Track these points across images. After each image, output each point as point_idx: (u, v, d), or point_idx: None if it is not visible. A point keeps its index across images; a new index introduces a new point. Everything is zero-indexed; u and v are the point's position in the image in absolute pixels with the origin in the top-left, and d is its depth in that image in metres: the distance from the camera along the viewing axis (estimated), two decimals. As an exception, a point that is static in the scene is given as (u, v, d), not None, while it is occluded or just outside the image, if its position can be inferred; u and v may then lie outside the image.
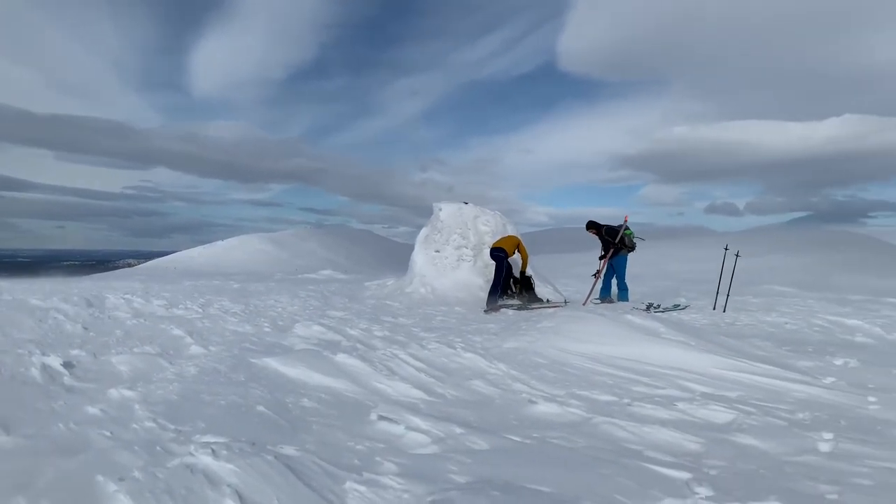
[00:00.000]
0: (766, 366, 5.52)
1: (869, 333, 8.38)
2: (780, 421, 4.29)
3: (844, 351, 6.85)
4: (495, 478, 3.19)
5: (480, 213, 13.53)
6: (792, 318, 9.67)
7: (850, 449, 3.76)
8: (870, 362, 6.11)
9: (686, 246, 46.79)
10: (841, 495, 3.08)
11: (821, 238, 48.01)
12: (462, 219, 13.41)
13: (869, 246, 45.01)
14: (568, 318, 7.17)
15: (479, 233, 13.16)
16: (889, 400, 4.79)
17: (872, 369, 5.79)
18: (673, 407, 4.61)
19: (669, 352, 5.89)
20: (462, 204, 13.82)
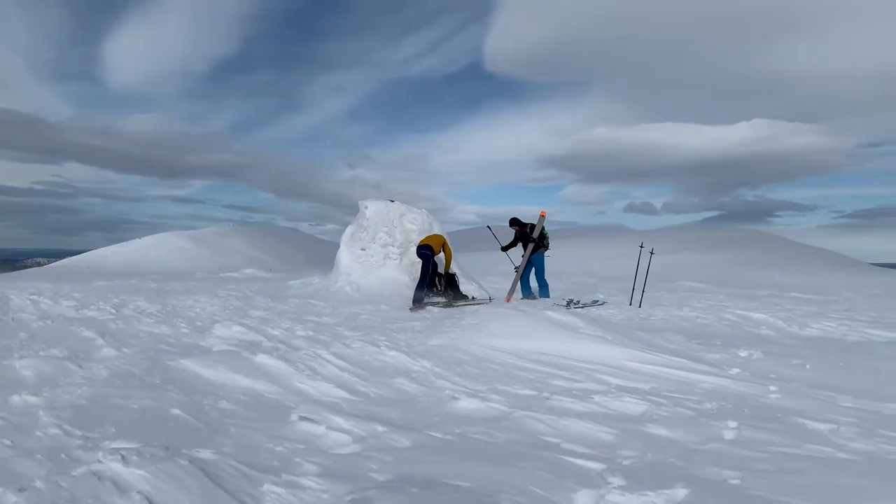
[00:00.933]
0: (678, 358, 5.78)
1: (772, 326, 8.88)
2: (689, 411, 4.49)
3: (750, 343, 7.24)
4: (416, 475, 3.21)
5: (407, 212, 13.53)
6: (703, 313, 10.14)
7: (753, 436, 3.98)
8: (772, 353, 6.48)
9: (606, 244, 48.29)
10: (743, 480, 3.25)
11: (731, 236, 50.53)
12: (388, 217, 13.38)
13: (775, 244, 47.71)
14: (491, 315, 7.28)
15: (405, 231, 13.16)
16: (788, 389, 5.10)
17: (774, 360, 6.15)
18: (589, 400, 4.75)
19: (587, 346, 6.07)
20: (388, 202, 13.78)
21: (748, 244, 45.53)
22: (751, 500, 3.02)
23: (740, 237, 50.82)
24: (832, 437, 3.99)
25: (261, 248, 42.34)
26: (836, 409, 4.58)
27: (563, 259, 36.62)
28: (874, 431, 4.08)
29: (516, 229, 12.44)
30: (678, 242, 44.20)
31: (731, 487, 3.17)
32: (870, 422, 4.30)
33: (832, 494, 3.07)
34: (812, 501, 2.99)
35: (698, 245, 43.54)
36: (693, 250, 40.29)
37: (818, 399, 4.83)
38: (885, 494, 3.10)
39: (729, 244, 44.60)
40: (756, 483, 3.22)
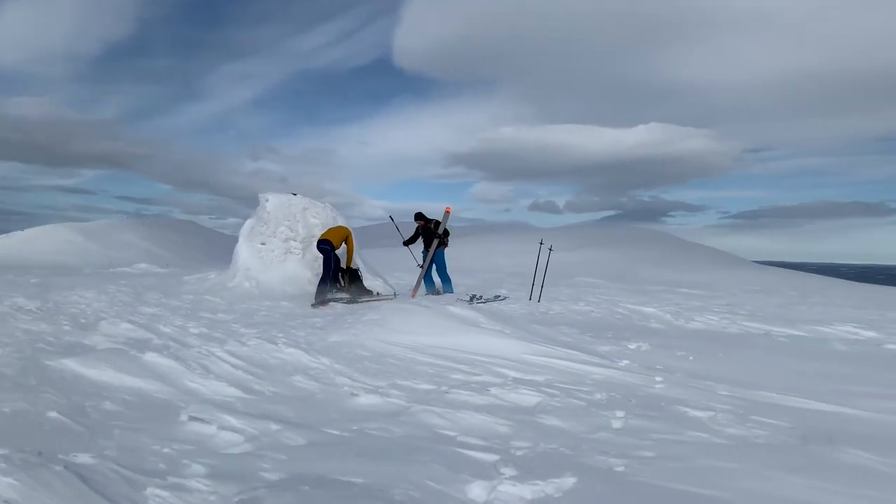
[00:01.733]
0: (572, 351, 5.98)
1: (661, 320, 9.37)
2: (580, 402, 4.66)
3: (639, 336, 7.61)
4: (308, 473, 3.15)
5: (310, 205, 13.28)
6: (597, 307, 10.56)
7: (638, 424, 4.17)
8: (659, 346, 6.84)
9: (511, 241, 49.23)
10: (627, 467, 3.40)
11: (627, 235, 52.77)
12: (290, 210, 13.08)
13: (668, 242, 50.23)
14: (393, 310, 7.28)
15: (308, 225, 12.91)
16: (672, 379, 5.39)
17: (660, 352, 6.48)
18: (487, 392, 4.84)
19: (487, 340, 6.19)
20: (290, 195, 13.47)
21: (643, 242, 47.65)
22: (634, 485, 3.16)
23: (636, 235, 53.12)
24: (710, 423, 4.25)
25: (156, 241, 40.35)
26: (715, 398, 4.89)
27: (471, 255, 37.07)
28: (747, 417, 4.38)
29: (420, 224, 12.49)
30: (578, 240, 45.66)
31: (617, 474, 3.31)
32: (743, 408, 4.61)
33: (707, 477, 3.26)
34: (689, 484, 3.16)
35: (597, 243, 45.14)
36: (592, 248, 41.74)
37: (698, 388, 5.13)
38: (754, 475, 3.32)
39: (625, 242, 46.51)
40: (639, 469, 3.38)
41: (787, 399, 4.90)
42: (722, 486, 3.14)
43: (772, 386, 5.28)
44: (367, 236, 60.01)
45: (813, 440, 3.91)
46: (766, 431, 4.10)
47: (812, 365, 6.36)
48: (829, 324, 9.78)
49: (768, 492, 3.08)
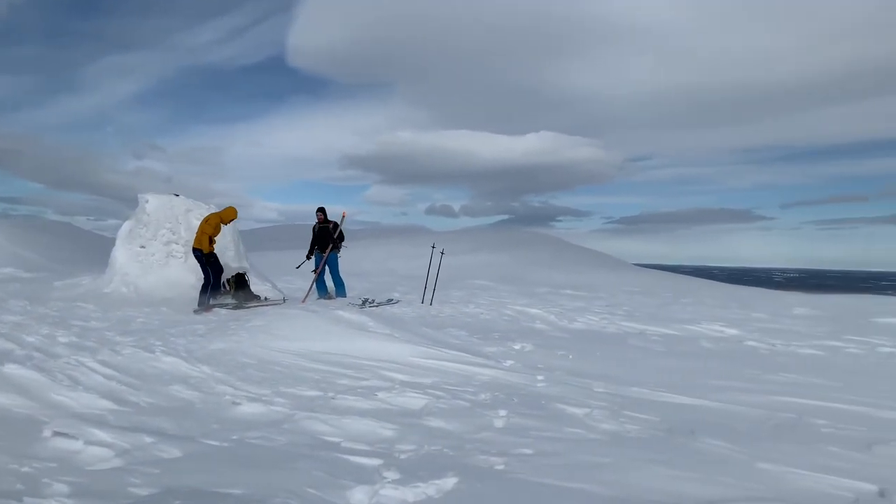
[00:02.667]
0: (459, 353, 6.09)
1: (545, 321, 9.71)
2: (466, 403, 4.76)
3: (524, 337, 7.85)
4: (182, 486, 3.03)
5: (194, 207, 12.73)
6: (487, 310, 10.80)
7: (519, 423, 4.31)
8: (542, 346, 7.09)
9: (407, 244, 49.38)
10: (507, 465, 3.50)
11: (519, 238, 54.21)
12: (172, 212, 12.49)
13: (556, 245, 52.06)
14: (278, 316, 7.12)
15: (191, 227, 12.36)
16: (553, 377, 5.61)
17: (543, 352, 6.73)
18: (373, 397, 4.84)
19: (375, 344, 6.18)
20: (173, 196, 12.87)
21: (533, 245, 49.11)
22: (512, 483, 3.26)
23: (526, 239, 54.66)
24: (586, 419, 4.45)
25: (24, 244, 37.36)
26: (591, 395, 5.13)
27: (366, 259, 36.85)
28: (620, 413, 4.63)
29: (320, 218, 12.34)
30: (473, 243, 46.43)
31: (497, 473, 3.41)
32: (617, 404, 4.87)
33: (582, 471, 3.42)
34: (564, 479, 3.30)
35: (490, 246, 46.07)
36: (485, 251, 42.56)
37: (577, 386, 5.36)
38: (624, 467, 3.51)
39: (516, 245, 47.75)
40: (518, 467, 3.49)
41: (656, 394, 5.22)
42: (595, 479, 3.30)
43: (644, 382, 5.61)
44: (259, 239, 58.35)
45: (678, 432, 4.19)
46: (637, 426, 4.35)
47: (681, 362, 6.81)
48: (698, 323, 10.50)
49: (636, 482, 3.27)
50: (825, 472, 3.48)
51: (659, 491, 3.17)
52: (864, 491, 3.24)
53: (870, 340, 9.29)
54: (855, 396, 5.50)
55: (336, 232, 12.08)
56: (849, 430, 4.41)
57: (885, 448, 4.01)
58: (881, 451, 3.95)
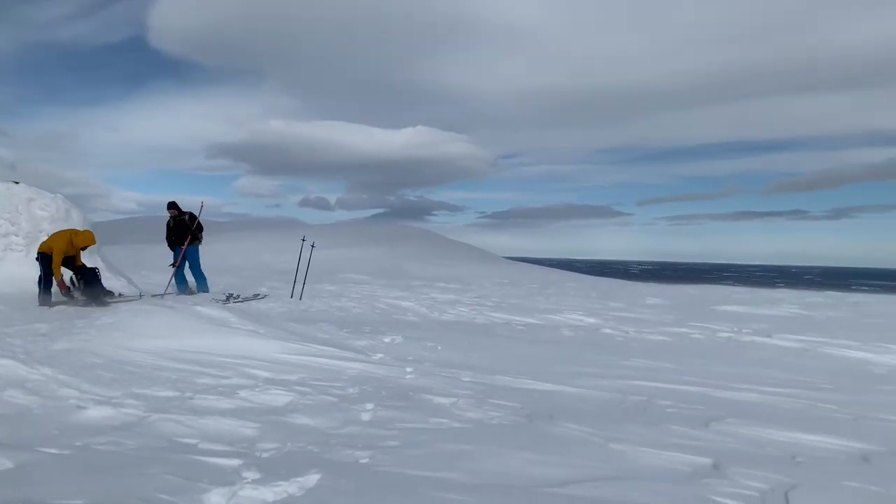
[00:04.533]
0: (328, 347, 6.01)
1: (417, 313, 9.81)
2: (333, 398, 4.69)
3: (395, 329, 7.88)
4: (15, 500, 2.77)
5: (37, 196, 11.66)
6: (359, 303, 10.74)
7: (386, 415, 4.31)
8: (412, 338, 7.15)
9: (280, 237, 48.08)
10: (372, 458, 3.49)
11: (395, 232, 54.42)
12: (12, 202, 11.38)
13: (431, 239, 52.75)
14: (131, 312, 6.67)
15: (34, 218, 11.33)
16: (421, 369, 5.66)
17: (413, 344, 6.78)
18: (235, 395, 4.66)
19: (238, 341, 5.96)
20: (12, 184, 11.72)
21: (409, 239, 49.50)
22: (376, 475, 3.26)
23: (402, 233, 55.00)
24: (452, 409, 4.53)
25: None
26: (458, 384, 5.23)
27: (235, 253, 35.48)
28: (485, 401, 4.75)
29: (173, 213, 11.66)
30: (348, 237, 46.05)
31: (361, 466, 3.39)
32: (483, 393, 5.00)
33: (446, 460, 3.47)
34: (428, 469, 3.33)
35: (366, 240, 45.89)
36: (361, 245, 42.34)
37: (444, 376, 5.45)
38: (487, 454, 3.60)
39: (392, 239, 47.91)
40: (383, 459, 3.49)
41: (519, 382, 5.41)
42: (458, 467, 3.37)
43: (508, 370, 5.80)
44: (117, 232, 54.52)
45: (537, 417, 4.37)
46: (500, 413, 4.48)
47: (543, 350, 7.11)
48: (560, 312, 11.02)
49: (496, 468, 3.37)
50: (668, 448, 3.76)
51: (517, 475, 3.28)
52: (701, 464, 3.53)
53: (711, 326, 10.16)
54: (696, 378, 5.99)
55: (194, 224, 11.52)
56: (690, 410, 4.79)
57: (720, 425, 4.39)
58: (716, 428, 4.33)
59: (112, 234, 43.99)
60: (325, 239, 36.54)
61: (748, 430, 4.28)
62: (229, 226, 70.98)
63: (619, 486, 3.17)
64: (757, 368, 6.83)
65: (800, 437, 4.17)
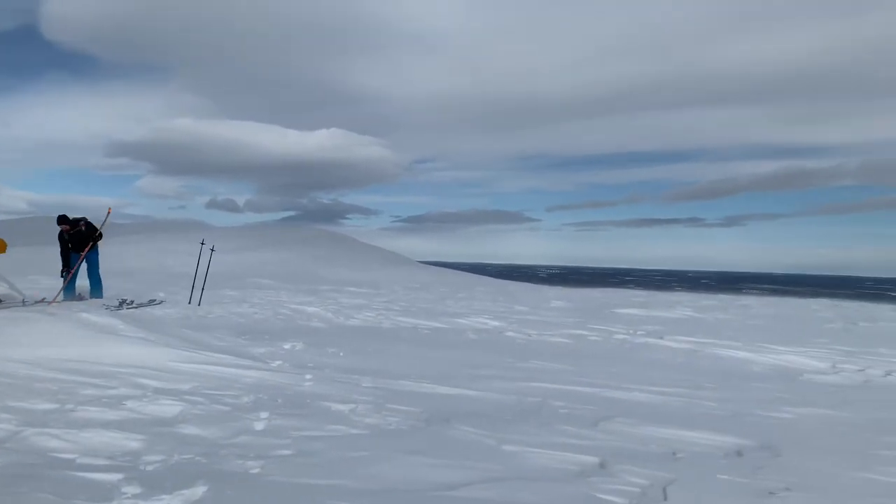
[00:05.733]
0: (224, 355, 5.83)
1: (322, 318, 9.68)
2: (225, 407, 4.56)
3: (297, 335, 7.75)
4: None
5: None
6: (261, 309, 10.49)
7: (281, 424, 4.23)
8: (314, 344, 7.05)
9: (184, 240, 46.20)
10: (263, 468, 3.42)
11: (306, 235, 53.46)
12: None
13: (344, 243, 52.16)
14: (9, 319, 6.23)
15: None
16: (321, 376, 5.60)
17: (314, 350, 6.69)
18: (121, 406, 4.45)
19: (127, 349, 5.70)
20: None
21: (320, 243, 48.73)
22: (267, 485, 3.19)
23: (314, 236, 54.10)
24: (351, 415, 4.50)
25: None
26: (358, 390, 5.20)
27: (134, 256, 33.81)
28: (384, 406, 4.75)
29: (64, 228, 10.98)
30: (257, 240, 44.85)
31: (252, 477, 3.31)
32: (382, 398, 4.99)
33: (341, 468, 3.45)
34: (322, 477, 3.30)
35: (276, 243, 44.81)
36: (270, 248, 41.31)
37: (344, 382, 5.41)
38: (383, 460, 3.61)
39: (303, 242, 47.02)
40: (275, 468, 3.42)
41: (420, 386, 5.45)
42: (352, 474, 3.35)
43: (410, 375, 5.83)
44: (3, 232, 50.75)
45: (435, 421, 4.41)
46: (399, 418, 4.49)
47: (446, 353, 7.19)
48: (466, 316, 11.17)
49: (391, 474, 3.38)
50: (558, 448, 3.89)
51: (411, 480, 3.31)
52: (588, 463, 3.67)
53: (608, 328, 10.58)
54: (590, 379, 6.22)
55: (94, 231, 10.94)
56: (582, 410, 4.97)
57: (609, 424, 4.58)
58: (605, 427, 4.51)
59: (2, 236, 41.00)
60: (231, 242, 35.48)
61: (634, 429, 4.49)
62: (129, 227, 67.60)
63: (509, 487, 3.25)
64: (647, 369, 7.17)
65: (681, 434, 4.41)
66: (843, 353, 9.18)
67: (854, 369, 8.04)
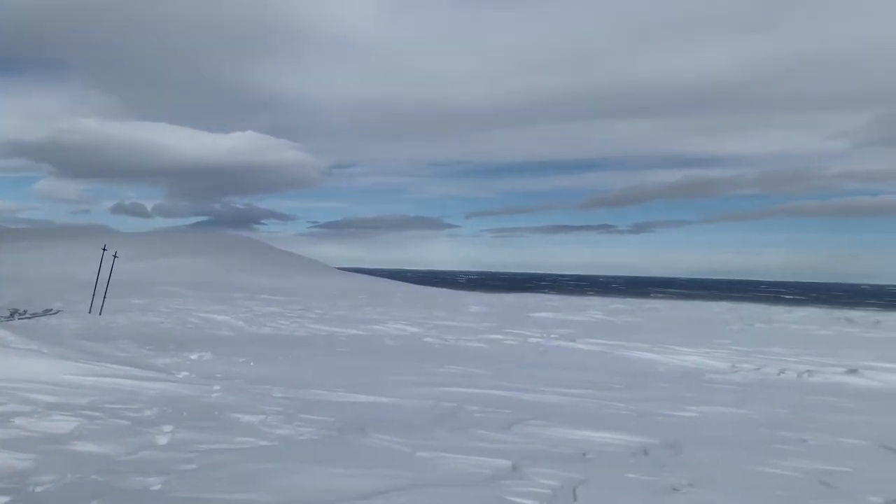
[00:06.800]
0: (125, 367, 5.55)
1: (233, 327, 9.39)
2: (125, 421, 4.33)
3: (206, 345, 7.48)
4: None
5: None
6: (168, 318, 10.07)
7: (185, 437, 4.05)
8: (223, 353, 6.82)
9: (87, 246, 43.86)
10: (165, 484, 3.25)
11: (220, 241, 51.88)
12: None
13: (259, 249, 50.95)
14: None
15: None
16: (230, 386, 5.41)
17: (223, 360, 6.47)
18: (9, 424, 4.14)
19: (17, 363, 5.31)
20: None
21: (235, 249, 47.43)
22: (169, 502, 3.04)
23: (228, 242, 52.60)
24: (260, 426, 4.37)
25: None
26: (269, 401, 5.06)
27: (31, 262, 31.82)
28: (296, 417, 4.64)
29: None
30: (167, 245, 43.22)
31: (152, 494, 3.15)
32: (294, 408, 4.87)
33: (247, 481, 3.33)
34: (228, 491, 3.17)
35: (186, 249, 43.30)
36: (180, 254, 39.86)
37: (255, 393, 5.25)
38: (295, 472, 3.51)
39: (216, 249, 45.64)
40: (178, 484, 3.26)
41: (334, 395, 5.36)
42: (261, 487, 3.24)
43: (324, 384, 5.72)
44: None
45: (349, 430, 4.34)
46: (311, 428, 4.40)
47: (363, 361, 7.11)
48: (384, 323, 11.11)
49: (302, 485, 3.29)
50: (471, 453, 3.91)
51: (323, 490, 3.23)
52: (500, 466, 3.70)
53: (524, 332, 10.78)
54: (505, 382, 6.30)
55: None
56: (496, 414, 5.02)
57: (522, 427, 4.65)
58: (518, 430, 4.57)
59: None
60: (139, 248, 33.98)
61: (546, 431, 4.57)
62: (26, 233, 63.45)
63: (422, 494, 3.23)
64: (560, 371, 7.34)
65: (591, 435, 4.53)
66: (742, 353, 9.72)
67: (751, 368, 8.52)
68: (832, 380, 8.32)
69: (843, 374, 8.64)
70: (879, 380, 8.47)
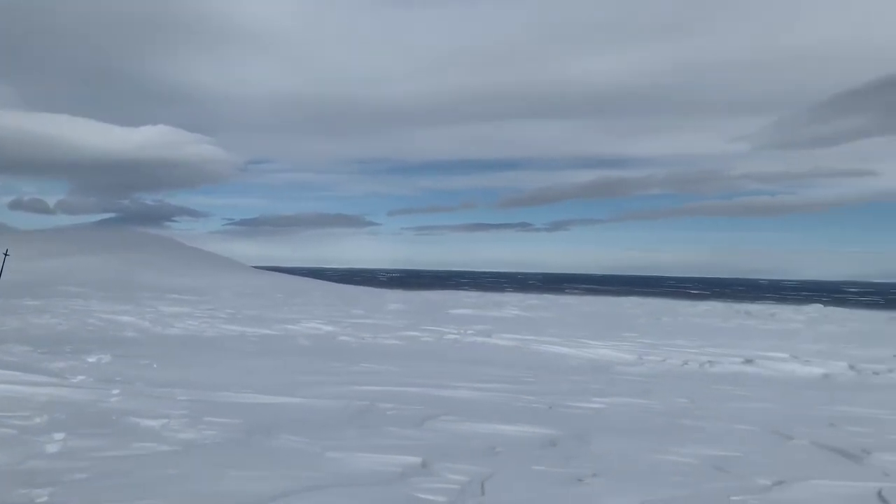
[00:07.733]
0: (14, 372, 5.20)
1: (137, 328, 8.98)
2: (11, 430, 4.05)
3: (105, 347, 7.11)
4: None
5: None
6: (67, 319, 9.53)
7: (79, 445, 3.83)
8: (123, 356, 6.50)
9: (-23, 245, 40.88)
10: (53, 495, 3.06)
11: (128, 239, 49.54)
12: None
13: (170, 247, 48.98)
14: None
15: None
16: (130, 390, 5.16)
17: (123, 362, 6.17)
18: None
19: None
20: None
21: (144, 247, 45.42)
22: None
23: (137, 240, 50.33)
24: (162, 431, 4.18)
25: None
26: (173, 404, 4.86)
27: None
28: (200, 420, 4.47)
29: None
30: (68, 244, 40.89)
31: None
32: (199, 411, 4.69)
33: (146, 488, 3.18)
34: (124, 500, 3.02)
35: (92, 247, 41.10)
36: (84, 253, 37.78)
37: (157, 397, 5.03)
38: (199, 477, 3.37)
39: (124, 246, 43.57)
40: (67, 495, 3.08)
41: (241, 396, 5.20)
42: (161, 494, 3.10)
43: (231, 385, 5.55)
44: None
45: (256, 433, 4.22)
46: (216, 431, 4.25)
47: (273, 361, 6.94)
48: (298, 322, 10.90)
49: (207, 490, 3.17)
50: (382, 451, 3.88)
51: (226, 494, 3.13)
52: (410, 463, 3.70)
53: (440, 329, 10.84)
54: (420, 379, 6.31)
55: None
56: (409, 411, 5.01)
57: (434, 423, 4.66)
58: (430, 426, 4.58)
59: None
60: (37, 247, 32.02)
61: (457, 426, 4.60)
62: None
63: (330, 494, 3.18)
64: (475, 366, 7.42)
65: (501, 429, 4.59)
66: (648, 345, 10.12)
67: (657, 360, 8.88)
68: (730, 369, 8.79)
69: (740, 363, 9.14)
70: (773, 368, 9.02)
